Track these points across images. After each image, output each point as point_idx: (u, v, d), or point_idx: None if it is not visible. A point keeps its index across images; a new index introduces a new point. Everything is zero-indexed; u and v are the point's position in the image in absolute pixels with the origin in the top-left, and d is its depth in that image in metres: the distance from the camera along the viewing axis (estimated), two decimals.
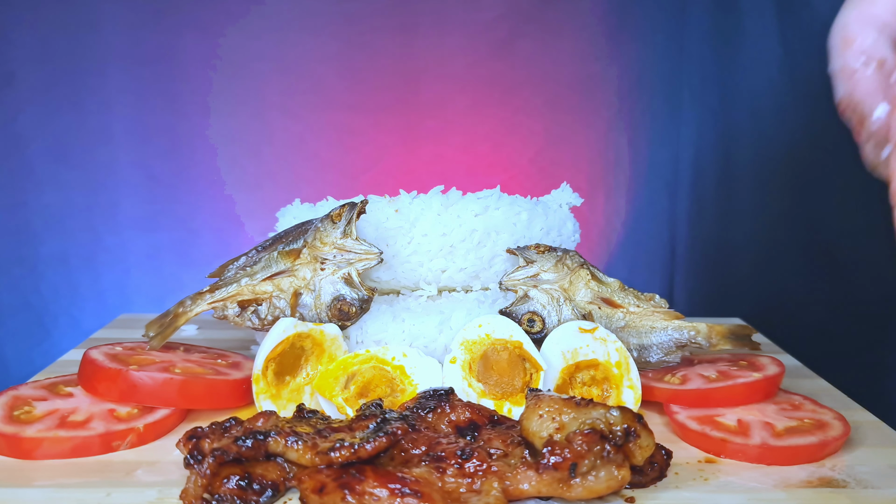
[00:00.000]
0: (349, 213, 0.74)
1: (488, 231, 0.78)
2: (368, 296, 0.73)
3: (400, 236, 0.78)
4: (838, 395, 0.76)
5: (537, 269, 0.76)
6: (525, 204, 0.81)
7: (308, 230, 0.75)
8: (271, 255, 0.75)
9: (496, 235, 0.79)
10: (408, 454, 0.57)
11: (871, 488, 0.57)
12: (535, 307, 0.75)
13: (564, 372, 0.71)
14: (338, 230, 0.74)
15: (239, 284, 0.74)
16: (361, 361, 0.71)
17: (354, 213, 0.74)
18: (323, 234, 0.74)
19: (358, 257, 0.74)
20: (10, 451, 0.62)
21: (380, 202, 0.79)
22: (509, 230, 0.79)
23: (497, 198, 0.81)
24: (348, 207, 0.74)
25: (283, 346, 0.70)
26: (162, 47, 1.11)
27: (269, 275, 0.74)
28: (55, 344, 1.14)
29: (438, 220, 0.78)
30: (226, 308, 0.73)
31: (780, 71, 1.10)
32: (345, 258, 0.74)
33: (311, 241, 0.74)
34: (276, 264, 0.74)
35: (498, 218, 0.79)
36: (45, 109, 1.11)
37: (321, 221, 0.75)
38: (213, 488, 0.54)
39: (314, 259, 0.74)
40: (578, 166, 1.19)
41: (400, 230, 0.78)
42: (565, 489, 0.53)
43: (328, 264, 0.73)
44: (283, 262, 0.74)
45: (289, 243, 0.75)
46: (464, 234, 0.78)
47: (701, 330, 0.75)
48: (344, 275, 0.73)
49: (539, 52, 1.15)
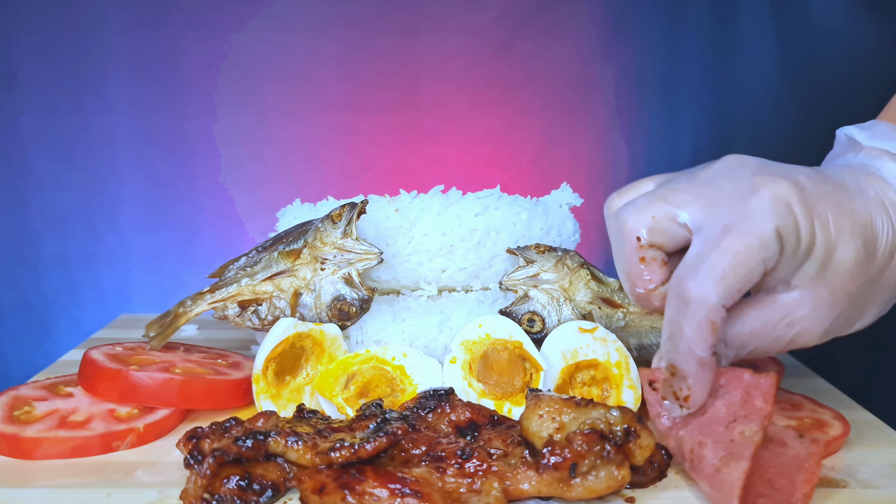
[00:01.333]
0: (349, 213, 0.74)
1: (488, 231, 0.78)
2: (369, 296, 0.73)
3: (400, 236, 0.78)
4: (838, 395, 0.76)
5: (537, 268, 0.76)
6: (525, 204, 0.81)
7: (308, 230, 0.75)
8: (272, 256, 0.75)
9: (496, 235, 0.79)
10: (408, 454, 0.57)
11: (870, 488, 0.57)
12: (535, 307, 0.75)
13: (564, 372, 0.71)
14: (338, 230, 0.74)
15: (239, 285, 0.74)
16: (361, 361, 0.71)
17: (355, 213, 0.74)
18: (323, 234, 0.74)
19: (358, 257, 0.74)
20: (10, 451, 0.62)
21: (380, 202, 0.79)
22: (509, 230, 0.79)
23: (497, 198, 0.81)
24: (348, 207, 0.74)
25: (283, 346, 0.70)
26: (163, 48, 1.11)
27: (269, 275, 0.74)
28: (55, 344, 1.14)
29: (438, 219, 0.78)
30: (226, 308, 0.74)
31: (777, 72, 1.10)
32: (345, 258, 0.74)
33: (312, 241, 0.74)
34: (276, 264, 0.74)
35: (498, 218, 0.79)
36: (47, 110, 1.11)
37: (321, 221, 0.75)
38: (213, 488, 0.54)
39: (314, 259, 0.74)
40: (577, 166, 1.19)
41: (400, 230, 0.78)
42: (565, 489, 0.53)
43: (328, 264, 0.73)
44: (283, 262, 0.74)
45: (289, 243, 0.75)
46: (464, 234, 0.78)
47: None
48: (344, 275, 0.73)
49: (538, 52, 1.15)
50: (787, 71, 1.09)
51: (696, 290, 0.53)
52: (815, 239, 0.54)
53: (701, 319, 0.53)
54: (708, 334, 0.53)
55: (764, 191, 0.53)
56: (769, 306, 0.56)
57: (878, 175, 0.58)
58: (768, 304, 0.56)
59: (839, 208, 0.54)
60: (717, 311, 0.53)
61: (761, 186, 0.54)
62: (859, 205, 0.55)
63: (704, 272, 0.52)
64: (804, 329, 0.56)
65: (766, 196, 0.53)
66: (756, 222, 0.52)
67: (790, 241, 0.53)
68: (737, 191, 0.54)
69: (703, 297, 0.52)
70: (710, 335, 0.53)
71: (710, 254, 0.53)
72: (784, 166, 0.57)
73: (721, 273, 0.52)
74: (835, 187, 0.56)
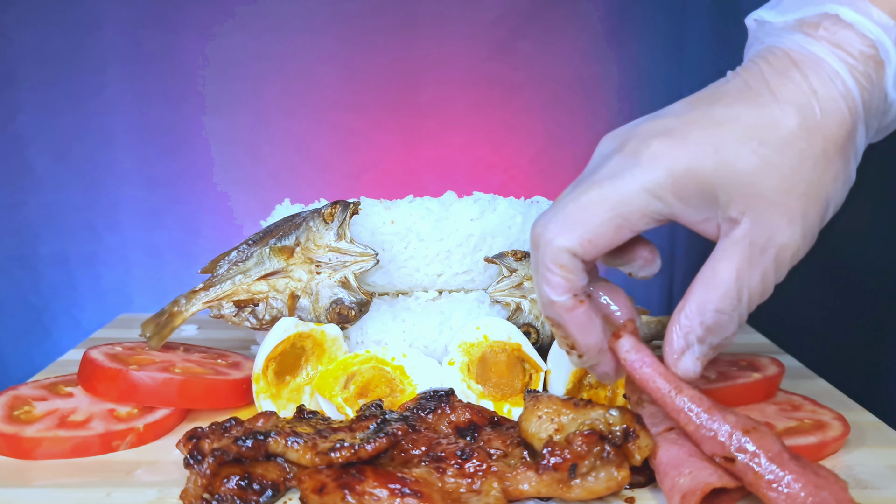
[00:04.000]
0: (342, 213, 0.73)
1: (484, 235, 0.78)
2: (367, 299, 0.73)
3: (396, 241, 0.77)
4: (838, 396, 0.76)
5: (520, 277, 0.76)
6: (520, 207, 0.81)
7: (300, 224, 0.74)
8: (263, 251, 0.73)
9: (492, 239, 0.79)
10: (408, 454, 0.57)
11: (871, 489, 0.57)
12: (529, 319, 0.75)
13: (574, 375, 0.70)
14: (331, 231, 0.73)
15: (233, 282, 0.73)
16: (361, 362, 0.71)
17: (348, 213, 0.73)
18: (316, 235, 0.73)
19: (353, 259, 0.73)
20: (10, 451, 0.62)
21: (375, 206, 0.79)
22: (504, 234, 0.79)
23: (492, 201, 0.81)
24: (341, 207, 0.73)
25: (283, 345, 0.70)
26: (162, 47, 1.11)
27: (262, 273, 0.73)
28: (55, 344, 1.14)
29: (435, 225, 0.77)
30: (222, 307, 0.73)
31: None
32: (340, 260, 0.73)
33: (304, 242, 0.73)
34: (268, 261, 0.73)
35: (493, 222, 0.79)
36: (45, 109, 1.11)
37: (312, 220, 0.73)
38: (214, 488, 0.54)
39: (308, 260, 0.73)
40: (578, 167, 1.18)
41: (396, 235, 0.77)
42: (565, 490, 0.53)
43: (323, 267, 0.73)
44: (275, 258, 0.73)
45: (280, 238, 0.74)
46: (460, 239, 0.78)
47: (666, 324, 0.76)
48: (341, 278, 0.73)
49: (539, 52, 1.15)
50: None
51: (546, 234, 0.54)
52: (703, 173, 0.52)
53: (548, 262, 0.54)
54: (558, 277, 0.54)
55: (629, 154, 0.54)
56: (731, 249, 0.54)
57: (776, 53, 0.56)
58: (730, 248, 0.54)
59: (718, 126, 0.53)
60: (562, 255, 0.54)
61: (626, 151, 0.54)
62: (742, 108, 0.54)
63: (557, 219, 0.54)
64: (780, 248, 0.54)
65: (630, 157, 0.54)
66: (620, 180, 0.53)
67: (669, 189, 0.53)
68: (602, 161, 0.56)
69: (548, 241, 0.54)
70: (560, 278, 0.54)
71: (568, 205, 0.54)
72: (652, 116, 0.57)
73: (572, 221, 0.54)
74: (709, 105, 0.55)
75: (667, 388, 0.55)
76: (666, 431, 0.57)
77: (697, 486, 0.51)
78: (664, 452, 0.55)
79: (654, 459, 0.56)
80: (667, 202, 0.53)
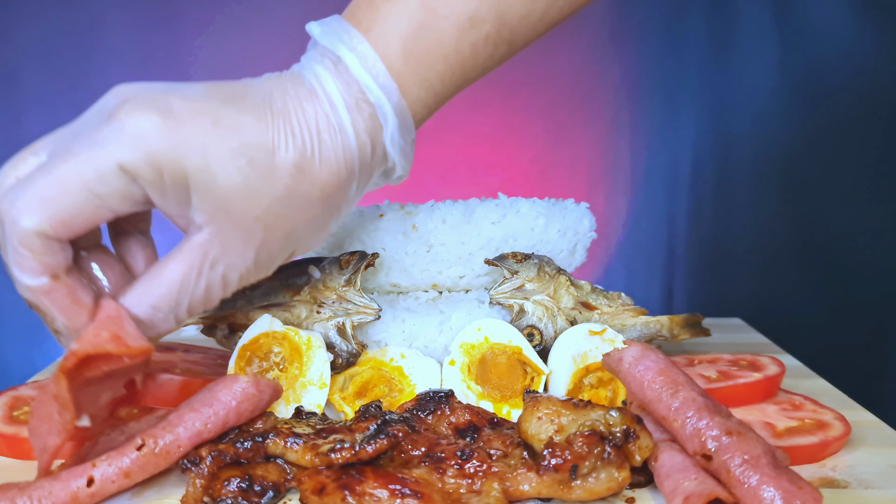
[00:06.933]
0: (357, 262, 0.73)
1: (506, 238, 0.79)
2: (358, 350, 0.72)
3: (419, 246, 0.78)
4: (839, 395, 0.76)
5: (522, 279, 0.76)
6: (543, 208, 0.81)
7: (314, 268, 0.74)
8: (273, 284, 0.73)
9: (514, 242, 0.79)
10: (407, 455, 0.57)
11: (872, 488, 0.57)
12: (533, 321, 0.75)
13: (575, 376, 0.70)
14: (343, 277, 0.72)
15: (234, 305, 0.73)
16: (360, 363, 0.71)
17: (363, 264, 0.73)
18: (328, 277, 0.73)
19: (356, 309, 0.73)
20: (10, 452, 0.62)
21: (397, 211, 0.79)
22: (527, 236, 0.79)
23: (513, 203, 0.81)
24: (358, 256, 0.73)
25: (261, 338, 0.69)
26: (165, 49, 1.12)
27: (265, 304, 0.72)
28: (55, 344, 1.14)
29: (457, 230, 0.78)
30: (216, 327, 0.73)
31: (778, 72, 1.11)
32: (343, 307, 0.73)
33: (315, 281, 0.73)
34: (275, 294, 0.73)
35: (515, 225, 0.79)
36: (48, 111, 1.11)
37: (329, 264, 0.73)
38: (214, 491, 0.54)
39: (314, 300, 0.73)
40: (578, 167, 1.19)
41: (420, 241, 0.78)
42: (566, 491, 0.53)
43: (325, 309, 0.73)
44: (283, 295, 0.73)
45: (292, 276, 0.73)
46: (482, 242, 0.78)
47: (664, 323, 0.77)
48: (338, 323, 0.72)
49: (539, 53, 1.15)
50: (787, 72, 1.10)
51: (11, 212, 0.49)
52: (184, 169, 0.49)
53: (15, 244, 0.49)
54: (29, 260, 0.49)
55: (117, 122, 0.49)
56: (186, 252, 0.52)
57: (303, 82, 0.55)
58: (186, 251, 0.52)
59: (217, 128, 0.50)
60: (31, 237, 0.48)
61: (117, 117, 0.50)
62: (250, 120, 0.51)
63: (26, 195, 0.49)
64: (229, 266, 0.53)
65: (117, 126, 0.49)
66: (97, 153, 0.49)
67: (146, 174, 0.49)
68: (96, 120, 0.51)
69: (14, 220, 0.48)
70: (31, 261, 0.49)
71: (38, 178, 0.49)
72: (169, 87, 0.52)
73: (41, 199, 0.48)
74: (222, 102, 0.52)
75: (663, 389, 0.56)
76: (671, 440, 0.57)
77: (704, 490, 0.51)
78: (669, 457, 0.55)
79: (653, 461, 0.56)
80: (142, 187, 0.50)
